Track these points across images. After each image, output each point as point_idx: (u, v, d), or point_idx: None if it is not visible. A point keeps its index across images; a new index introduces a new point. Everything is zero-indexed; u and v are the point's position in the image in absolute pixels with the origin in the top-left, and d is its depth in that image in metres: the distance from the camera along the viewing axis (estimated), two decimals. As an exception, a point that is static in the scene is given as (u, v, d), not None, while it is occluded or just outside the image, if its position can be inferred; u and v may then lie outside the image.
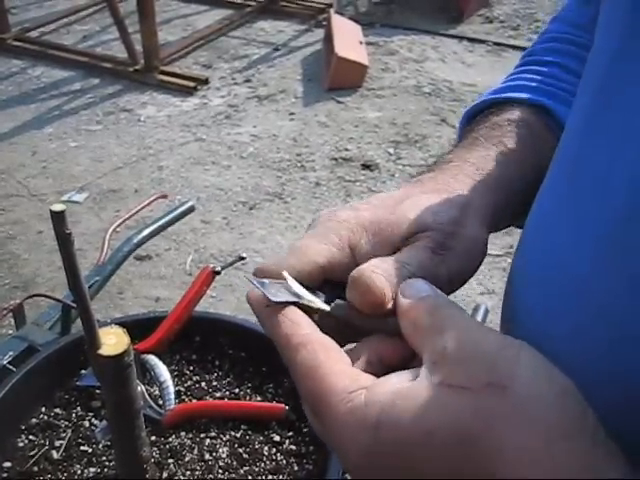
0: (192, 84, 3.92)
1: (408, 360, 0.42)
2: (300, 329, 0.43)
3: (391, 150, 3.39)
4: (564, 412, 0.35)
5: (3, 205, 2.98)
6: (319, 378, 0.40)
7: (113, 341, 0.55)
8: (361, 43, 4.13)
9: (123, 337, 0.55)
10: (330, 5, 4.85)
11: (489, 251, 0.55)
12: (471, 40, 4.61)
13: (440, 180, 0.54)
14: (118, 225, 1.57)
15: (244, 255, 0.82)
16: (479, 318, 1.29)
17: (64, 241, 0.47)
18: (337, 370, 0.41)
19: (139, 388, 0.75)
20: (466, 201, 0.52)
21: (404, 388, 0.38)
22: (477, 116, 0.65)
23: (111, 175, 3.20)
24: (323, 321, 0.45)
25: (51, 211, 0.45)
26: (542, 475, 0.33)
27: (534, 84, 0.65)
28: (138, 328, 0.80)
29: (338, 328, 0.45)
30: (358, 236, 0.49)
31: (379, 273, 0.44)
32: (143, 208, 1.61)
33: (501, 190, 0.55)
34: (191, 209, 1.60)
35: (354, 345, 0.45)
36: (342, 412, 0.39)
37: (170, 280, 2.58)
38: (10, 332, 1.94)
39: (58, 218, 0.46)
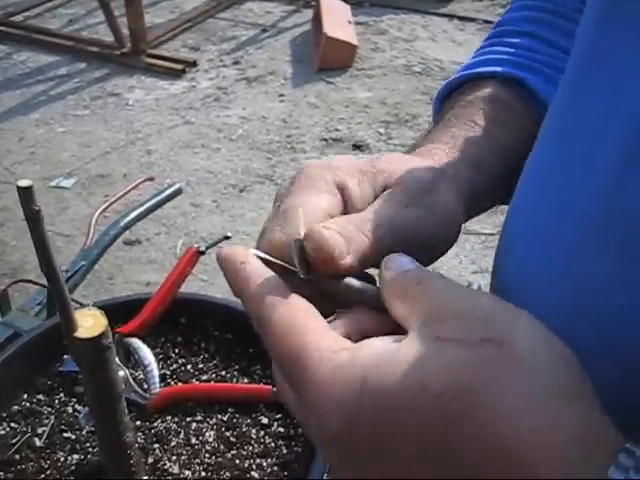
0: (180, 67, 3.87)
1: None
2: (275, 288, 0.40)
3: (382, 130, 3.37)
4: (565, 374, 0.33)
5: (-10, 192, 2.95)
6: (298, 336, 0.37)
7: (90, 323, 0.53)
8: (350, 23, 4.09)
9: (100, 319, 0.53)
10: (318, -15, 4.79)
11: (481, 230, 0.54)
12: (461, 18, 4.57)
13: (419, 152, 0.54)
14: (104, 209, 1.54)
15: (229, 234, 0.80)
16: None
17: (33, 219, 0.45)
18: (318, 329, 0.38)
19: (122, 372, 0.74)
20: (442, 171, 0.51)
21: (392, 347, 0.35)
22: (451, 94, 0.63)
23: (99, 160, 3.17)
24: (300, 289, 0.42)
25: (18, 187, 0.43)
26: (544, 431, 0.31)
27: (506, 57, 0.63)
28: (122, 311, 0.78)
29: (315, 299, 0.42)
30: (344, 178, 0.48)
31: (333, 229, 0.42)
32: (129, 191, 1.59)
33: (476, 168, 0.54)
34: (178, 191, 1.58)
35: (332, 317, 0.42)
36: (323, 372, 0.36)
37: (160, 264, 2.56)
38: (-1, 319, 1.92)
39: (25, 194, 0.43)
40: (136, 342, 0.75)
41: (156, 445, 0.69)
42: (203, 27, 4.44)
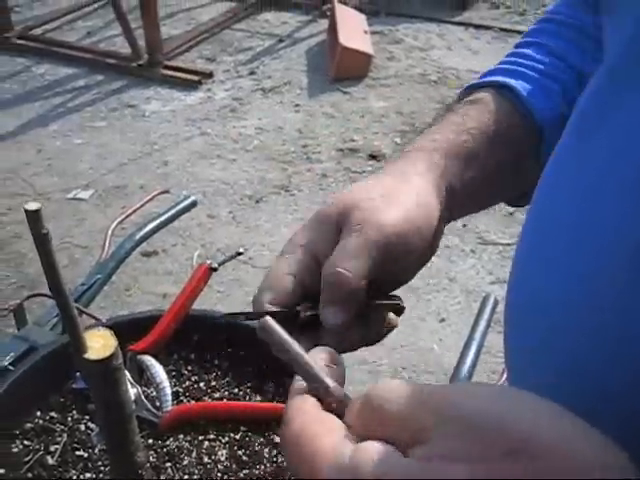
0: (196, 78, 3.89)
1: None
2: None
3: (398, 140, 3.36)
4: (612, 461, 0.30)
5: (9, 204, 2.97)
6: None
7: (100, 344, 0.53)
8: (366, 32, 4.09)
9: (110, 339, 0.53)
10: (334, -5, 4.81)
11: (499, 240, 0.55)
12: (477, 27, 4.55)
13: (397, 167, 0.58)
14: (120, 222, 1.55)
15: (241, 250, 0.80)
16: (488, 309, 1.26)
17: (41, 241, 0.45)
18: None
19: (135, 390, 0.73)
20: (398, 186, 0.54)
21: (396, 462, 0.33)
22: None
23: (116, 171, 3.18)
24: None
25: (26, 210, 0.43)
26: None
27: (507, 66, 0.66)
28: (135, 327, 0.78)
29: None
30: (316, 236, 0.54)
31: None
32: (145, 204, 1.59)
33: (457, 160, 0.57)
34: (193, 204, 1.58)
35: None
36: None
37: (177, 276, 2.57)
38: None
39: (33, 217, 0.43)
40: (149, 360, 0.75)
41: (168, 464, 0.69)
42: (219, 38, 4.46)
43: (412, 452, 0.33)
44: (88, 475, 0.68)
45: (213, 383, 0.77)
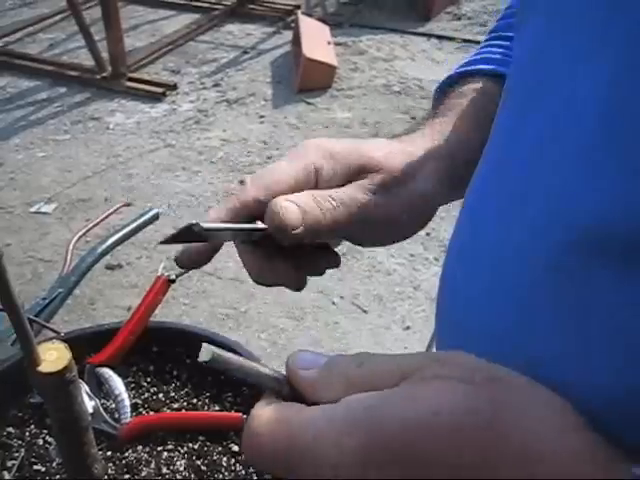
0: (160, 90, 3.88)
1: None
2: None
3: (362, 150, 3.39)
4: (564, 405, 0.34)
5: (-30, 219, 2.94)
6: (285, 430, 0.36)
7: (54, 357, 0.53)
8: (329, 43, 4.12)
9: (65, 352, 0.53)
10: (298, 7, 4.84)
11: None
12: (439, 37, 4.62)
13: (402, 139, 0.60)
14: (82, 235, 1.54)
15: (199, 262, 0.80)
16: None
17: (-8, 256, 0.45)
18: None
19: (93, 403, 0.73)
20: (424, 158, 0.56)
21: (387, 391, 0.34)
22: (447, 90, 0.67)
23: (80, 185, 3.16)
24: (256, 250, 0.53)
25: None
26: (562, 456, 0.32)
27: (497, 56, 0.67)
28: (94, 340, 0.78)
29: (271, 258, 0.53)
30: (324, 161, 0.54)
31: (292, 201, 0.50)
32: (106, 217, 1.58)
33: (457, 154, 0.58)
34: (156, 217, 1.58)
35: None
36: (320, 425, 0.34)
37: (142, 288, 2.55)
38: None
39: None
40: (107, 372, 0.75)
41: (127, 476, 0.69)
42: (183, 50, 4.46)
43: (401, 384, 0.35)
44: (46, 489, 0.68)
45: (172, 394, 0.77)
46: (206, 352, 0.40)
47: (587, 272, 0.35)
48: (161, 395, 0.77)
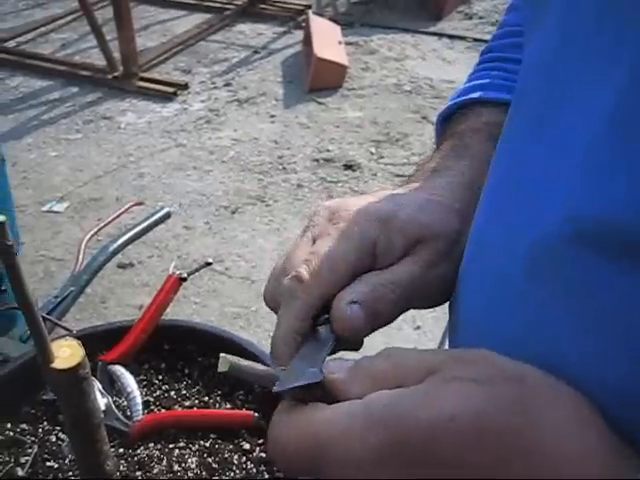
0: (172, 89, 3.90)
1: None
2: None
3: (373, 149, 3.38)
4: (584, 402, 0.34)
5: (-17, 217, 2.95)
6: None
7: (67, 354, 0.53)
8: (340, 43, 4.12)
9: (78, 349, 0.54)
10: (309, 6, 4.84)
11: None
12: (450, 37, 4.61)
13: (432, 186, 0.55)
14: (93, 234, 1.55)
15: (210, 260, 0.81)
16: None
17: (6, 253, 0.45)
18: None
19: (105, 400, 0.74)
20: (463, 211, 0.53)
21: (405, 390, 0.35)
22: (452, 117, 0.65)
23: (92, 184, 3.18)
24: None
25: (-10, 222, 0.44)
26: (580, 457, 0.32)
27: (501, 81, 0.65)
28: (107, 338, 0.79)
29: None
30: (378, 232, 0.50)
31: (356, 302, 0.47)
32: (118, 216, 1.60)
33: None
34: (167, 215, 1.59)
35: None
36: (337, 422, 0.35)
37: (153, 287, 2.56)
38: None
39: (-2, 229, 0.44)
40: (119, 369, 0.75)
41: (138, 473, 0.69)
42: (195, 50, 4.48)
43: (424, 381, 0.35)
44: (59, 485, 0.68)
45: (184, 392, 0.78)
46: (224, 362, 0.41)
47: (594, 270, 0.35)
48: (173, 393, 0.78)
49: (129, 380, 0.74)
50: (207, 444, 0.72)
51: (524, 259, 0.39)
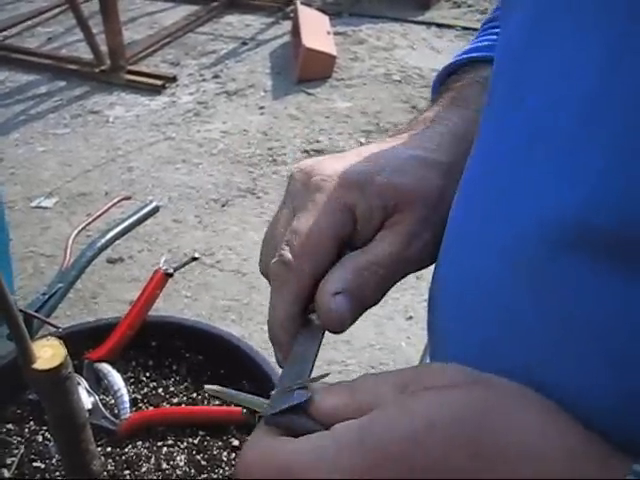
0: (160, 82, 3.87)
1: None
2: None
3: (363, 140, 3.37)
4: (553, 406, 0.35)
5: (-29, 214, 2.93)
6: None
7: (49, 354, 0.53)
8: (329, 33, 4.10)
9: (60, 349, 0.53)
10: (297, -4, 4.81)
11: None
12: (439, 26, 4.59)
13: (421, 138, 0.54)
14: (81, 230, 1.53)
15: (197, 255, 0.80)
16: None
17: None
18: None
19: (92, 399, 0.73)
20: (450, 164, 0.51)
21: (379, 409, 0.35)
22: (450, 76, 0.63)
23: (80, 178, 3.15)
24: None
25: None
26: (555, 457, 0.32)
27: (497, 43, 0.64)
28: (92, 335, 0.78)
29: None
30: (355, 197, 0.49)
31: (340, 292, 0.46)
32: (106, 211, 1.58)
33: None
34: (156, 209, 1.57)
35: None
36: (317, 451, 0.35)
37: (144, 282, 2.53)
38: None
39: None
40: (106, 367, 0.74)
41: (127, 472, 0.69)
42: (182, 42, 4.44)
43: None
44: (46, 486, 0.68)
45: (172, 389, 0.77)
46: (210, 392, 0.46)
47: (570, 272, 0.35)
48: (160, 390, 0.77)
49: (116, 378, 0.74)
50: (196, 441, 0.71)
51: (501, 261, 0.39)
